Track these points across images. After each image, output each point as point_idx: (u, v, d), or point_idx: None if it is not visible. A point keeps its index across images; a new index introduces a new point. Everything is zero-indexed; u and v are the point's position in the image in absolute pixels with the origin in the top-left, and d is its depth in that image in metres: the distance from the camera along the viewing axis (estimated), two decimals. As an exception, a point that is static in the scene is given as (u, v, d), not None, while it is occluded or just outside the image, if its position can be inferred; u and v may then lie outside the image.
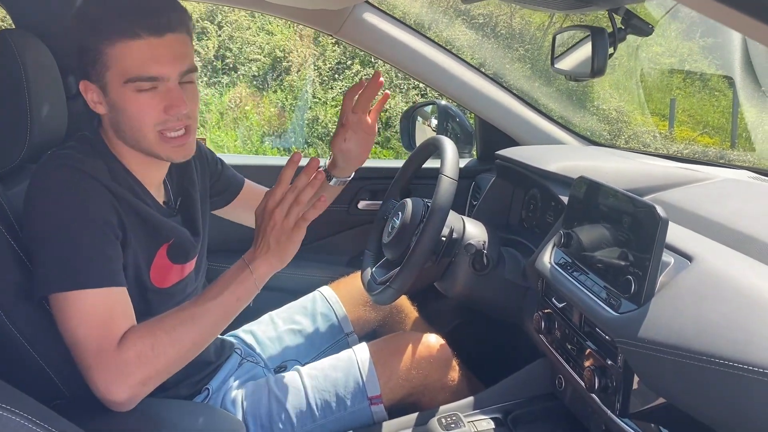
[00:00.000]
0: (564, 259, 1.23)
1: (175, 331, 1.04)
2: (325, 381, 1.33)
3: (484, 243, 1.38)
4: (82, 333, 0.99)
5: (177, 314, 1.06)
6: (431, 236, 1.29)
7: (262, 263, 1.10)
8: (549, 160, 1.44)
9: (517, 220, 1.66)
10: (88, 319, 1.00)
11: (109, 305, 1.02)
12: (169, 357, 1.02)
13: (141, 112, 1.08)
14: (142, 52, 1.04)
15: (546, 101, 4.55)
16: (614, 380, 1.02)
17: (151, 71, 1.05)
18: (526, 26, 7.66)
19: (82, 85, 1.09)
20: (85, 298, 1.00)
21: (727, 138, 7.51)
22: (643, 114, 7.76)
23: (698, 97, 8.13)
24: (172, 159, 1.15)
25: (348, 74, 6.86)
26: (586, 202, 1.18)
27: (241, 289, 1.09)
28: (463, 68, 1.75)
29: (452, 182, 1.31)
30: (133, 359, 0.99)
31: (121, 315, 1.03)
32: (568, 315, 1.19)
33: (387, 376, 1.34)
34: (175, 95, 1.08)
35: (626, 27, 1.11)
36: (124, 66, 1.04)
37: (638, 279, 0.98)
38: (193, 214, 1.33)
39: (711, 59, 7.92)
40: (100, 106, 1.10)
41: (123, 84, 1.05)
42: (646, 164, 1.42)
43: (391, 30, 1.69)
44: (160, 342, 1.02)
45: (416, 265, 1.31)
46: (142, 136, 1.10)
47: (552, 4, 1.01)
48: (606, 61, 1.08)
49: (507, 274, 1.42)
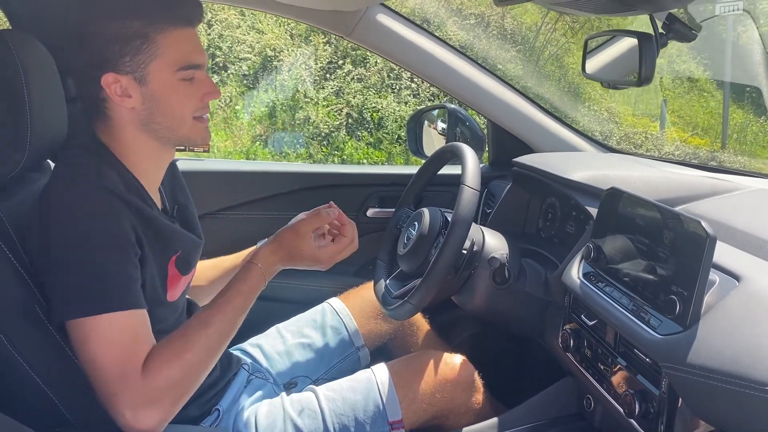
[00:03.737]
0: (593, 273, 1.18)
1: (196, 345, 1.02)
2: (343, 404, 1.26)
3: (506, 256, 1.33)
4: (106, 358, 0.95)
5: (193, 328, 1.04)
6: (453, 250, 1.23)
7: (270, 255, 1.15)
8: (572, 169, 1.39)
9: (533, 229, 1.61)
10: (111, 344, 0.95)
11: (133, 328, 0.98)
12: (194, 373, 1.01)
13: (184, 101, 1.09)
14: (190, 41, 1.07)
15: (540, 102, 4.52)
16: (656, 405, 0.97)
17: (198, 59, 1.09)
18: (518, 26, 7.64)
19: (106, 78, 1.05)
20: (109, 322, 0.96)
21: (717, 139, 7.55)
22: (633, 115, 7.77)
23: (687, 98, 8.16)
24: (203, 142, 1.16)
25: (339, 74, 6.78)
26: (619, 215, 1.13)
27: (248, 283, 1.11)
28: (476, 71, 1.70)
29: (475, 193, 1.25)
30: (162, 384, 0.96)
31: (144, 337, 1.00)
32: (600, 333, 1.13)
33: (409, 399, 1.27)
34: (210, 83, 1.12)
35: (668, 32, 1.06)
36: (177, 54, 1.06)
37: (683, 299, 0.93)
38: (191, 219, 1.29)
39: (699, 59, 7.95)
40: (128, 99, 1.07)
41: (174, 72, 1.06)
42: (672, 173, 1.38)
43: (404, 32, 1.63)
44: (186, 361, 0.99)
45: (437, 279, 1.25)
46: (181, 123, 1.10)
47: (592, 8, 0.95)
48: (654, 68, 1.03)
49: (528, 287, 1.37)
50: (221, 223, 1.84)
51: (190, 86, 1.08)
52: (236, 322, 1.09)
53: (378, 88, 6.72)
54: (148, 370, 0.96)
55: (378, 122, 6.55)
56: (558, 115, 1.82)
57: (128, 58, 1.04)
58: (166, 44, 1.04)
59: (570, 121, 1.81)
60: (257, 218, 1.86)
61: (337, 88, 6.71)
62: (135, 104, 1.07)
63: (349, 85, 6.68)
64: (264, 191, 1.86)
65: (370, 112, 6.54)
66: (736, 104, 8.03)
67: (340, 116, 6.56)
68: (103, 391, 0.95)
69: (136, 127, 1.09)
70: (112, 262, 0.98)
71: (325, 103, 6.63)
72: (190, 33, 1.07)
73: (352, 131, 6.55)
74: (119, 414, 0.94)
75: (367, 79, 6.74)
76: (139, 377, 0.95)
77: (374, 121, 6.53)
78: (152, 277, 1.09)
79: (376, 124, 6.54)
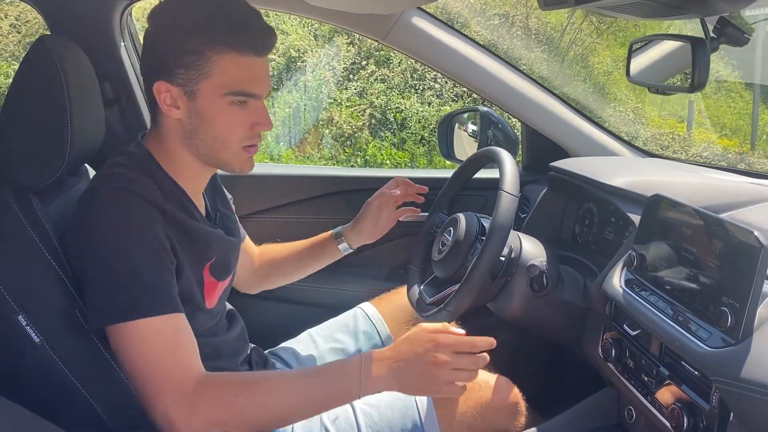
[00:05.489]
0: (636, 281, 1.15)
1: (262, 396, 1.01)
2: (380, 420, 1.24)
3: (544, 263, 1.30)
4: (146, 362, 0.96)
5: (269, 379, 1.06)
6: (492, 256, 1.21)
7: (382, 369, 1.01)
8: (613, 174, 1.36)
9: (569, 235, 1.58)
10: (152, 348, 0.97)
11: (173, 331, 0.99)
12: (246, 417, 0.99)
13: (230, 126, 1.08)
14: (248, 69, 1.06)
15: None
16: (705, 420, 0.94)
17: (253, 88, 1.07)
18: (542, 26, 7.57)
19: (158, 86, 1.06)
20: (149, 326, 0.97)
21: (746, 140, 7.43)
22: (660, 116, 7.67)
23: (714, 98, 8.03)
24: (243, 171, 1.15)
25: (363, 74, 6.78)
26: (663, 222, 1.10)
27: (340, 384, 1.02)
28: (512, 74, 1.68)
29: (514, 199, 1.23)
30: (210, 399, 0.97)
31: (186, 341, 1.01)
32: (644, 344, 1.11)
33: (448, 421, 1.23)
34: (263, 113, 1.10)
35: (719, 36, 1.03)
36: (229, 79, 1.05)
37: (735, 312, 0.90)
38: (233, 227, 1.30)
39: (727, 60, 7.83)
40: (176, 110, 1.07)
41: (222, 96, 1.05)
42: (716, 179, 1.34)
43: (439, 35, 1.61)
44: (245, 402, 0.98)
45: (475, 286, 1.23)
46: (224, 147, 1.10)
47: (640, 12, 0.93)
48: (708, 73, 1.00)
49: (566, 294, 1.34)
50: (252, 227, 1.84)
51: (241, 112, 1.08)
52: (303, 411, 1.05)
53: (401, 88, 6.71)
54: (203, 382, 0.97)
55: (401, 123, 6.53)
56: (591, 117, 1.79)
57: (182, 70, 1.04)
58: (219, 66, 1.04)
59: (600, 122, 1.78)
60: (289, 222, 1.85)
61: (361, 88, 6.71)
62: (182, 116, 1.08)
63: (372, 85, 6.68)
64: (293, 195, 1.85)
65: (393, 113, 6.53)
66: (765, 104, 7.91)
67: (363, 117, 6.56)
68: (144, 392, 0.97)
69: (179, 138, 1.11)
70: (147, 268, 0.99)
71: (348, 104, 6.63)
72: (250, 60, 1.06)
73: (375, 132, 6.55)
74: (157, 412, 0.96)
75: (390, 80, 6.74)
76: (184, 381, 0.96)
77: (397, 122, 6.51)
78: (189, 284, 1.10)
79: (399, 124, 6.53)
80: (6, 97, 1.07)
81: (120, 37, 1.60)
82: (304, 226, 1.77)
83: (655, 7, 0.90)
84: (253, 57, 1.06)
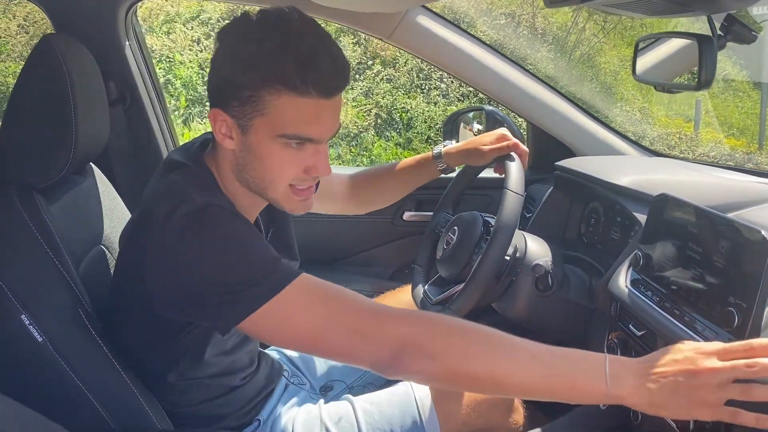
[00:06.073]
0: (642, 281, 1.14)
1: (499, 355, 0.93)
2: (380, 418, 1.23)
3: (550, 262, 1.29)
4: (320, 323, 0.93)
5: (503, 340, 0.94)
6: (497, 256, 1.21)
7: (629, 384, 0.87)
8: (619, 174, 1.35)
9: (575, 234, 1.58)
10: (311, 307, 0.93)
11: (314, 286, 0.95)
12: (451, 365, 0.92)
13: (281, 168, 1.00)
14: (307, 112, 0.95)
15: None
16: (711, 421, 0.93)
17: (311, 133, 0.97)
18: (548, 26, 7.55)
19: (213, 114, 0.99)
20: (290, 294, 0.92)
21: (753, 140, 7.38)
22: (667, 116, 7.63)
23: (722, 98, 7.98)
24: (293, 212, 1.08)
25: (369, 74, 6.77)
26: (669, 222, 1.09)
27: (582, 381, 0.89)
28: (517, 73, 1.67)
29: (519, 198, 1.23)
30: None
31: (333, 287, 0.95)
32: (650, 344, 1.10)
33: (444, 417, 1.23)
34: (322, 158, 1.01)
35: (726, 34, 1.02)
36: (283, 120, 0.95)
37: (742, 312, 0.89)
38: (287, 240, 1.26)
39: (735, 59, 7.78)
40: (229, 141, 1.01)
41: (274, 137, 0.97)
42: (722, 178, 1.33)
43: (444, 34, 1.61)
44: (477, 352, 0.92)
45: (479, 286, 1.22)
46: (272, 187, 1.02)
47: (646, 10, 0.92)
48: (714, 71, 0.99)
49: (571, 294, 1.33)
50: None
51: (295, 154, 0.99)
52: (532, 388, 0.93)
53: (407, 88, 6.70)
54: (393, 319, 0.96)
55: (407, 123, 6.53)
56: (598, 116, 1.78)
57: (236, 103, 0.97)
58: (273, 106, 0.95)
59: (606, 122, 1.77)
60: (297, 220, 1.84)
61: (367, 88, 6.70)
62: (234, 147, 1.01)
63: (378, 85, 6.67)
64: None
65: (399, 113, 6.53)
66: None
67: (369, 117, 6.55)
68: (346, 352, 0.95)
69: (232, 169, 1.04)
70: (262, 250, 0.96)
71: (354, 104, 6.63)
72: (311, 102, 0.95)
73: (381, 131, 6.54)
74: (374, 363, 0.94)
75: (396, 80, 6.72)
76: (366, 320, 0.94)
77: (403, 122, 6.51)
78: None
79: (405, 124, 6.52)
80: (10, 96, 1.08)
81: (125, 36, 1.60)
82: (325, 225, 1.79)
83: (661, 4, 0.90)
84: (315, 99, 0.95)
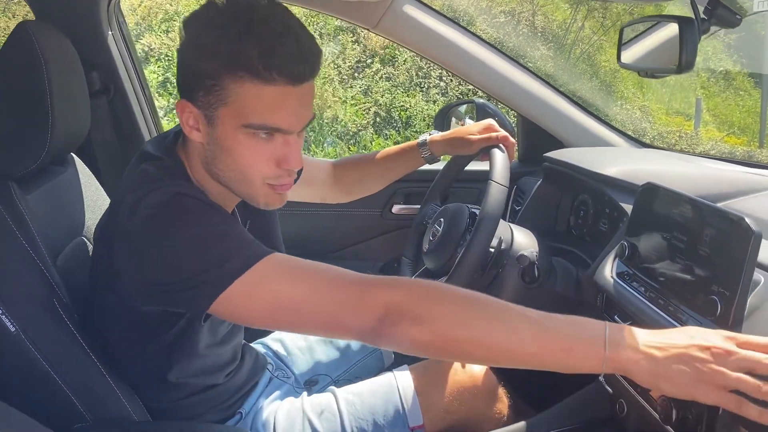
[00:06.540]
0: (627, 272, 1.13)
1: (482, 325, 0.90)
2: (362, 407, 1.22)
3: (535, 254, 1.28)
4: (296, 291, 0.90)
5: (491, 303, 0.92)
6: (480, 247, 1.19)
7: (630, 350, 0.82)
8: (606, 164, 1.33)
9: (564, 227, 1.56)
10: (288, 279, 0.90)
11: (287, 262, 0.92)
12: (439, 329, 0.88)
13: (252, 161, 0.95)
14: (272, 100, 0.90)
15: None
16: (695, 411, 0.92)
17: (277, 122, 0.92)
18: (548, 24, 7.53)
19: (180, 106, 0.96)
20: (266, 265, 0.89)
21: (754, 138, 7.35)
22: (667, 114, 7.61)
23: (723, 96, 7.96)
24: (269, 206, 1.03)
25: (368, 72, 6.76)
26: (655, 211, 1.07)
27: (579, 344, 0.86)
28: (506, 64, 1.66)
29: (503, 189, 1.21)
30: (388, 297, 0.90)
31: (306, 263, 0.93)
32: (635, 335, 1.08)
33: (427, 406, 1.22)
34: (294, 149, 0.95)
35: (710, 17, 1.01)
36: (247, 109, 0.91)
37: (725, 300, 0.88)
38: (269, 230, 1.24)
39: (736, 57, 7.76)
40: (197, 133, 0.97)
41: (238, 127, 0.92)
42: (711, 169, 1.32)
43: (431, 23, 1.59)
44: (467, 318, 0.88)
45: (463, 278, 1.20)
46: (246, 183, 0.98)
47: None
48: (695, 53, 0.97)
49: (558, 286, 1.32)
50: None
51: (264, 145, 0.94)
52: (524, 351, 0.91)
53: (406, 86, 6.68)
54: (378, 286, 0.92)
55: (406, 121, 6.52)
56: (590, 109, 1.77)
57: (202, 93, 0.93)
58: (237, 94, 0.90)
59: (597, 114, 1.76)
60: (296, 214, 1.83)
61: (366, 87, 6.69)
62: (202, 140, 0.98)
63: (377, 83, 6.66)
64: None
65: (398, 111, 6.52)
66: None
67: (367, 115, 6.54)
68: (330, 324, 0.92)
69: (202, 162, 1.01)
70: (232, 231, 0.93)
71: (353, 102, 6.62)
72: (277, 89, 0.90)
73: (379, 130, 6.53)
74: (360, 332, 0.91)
75: (395, 78, 6.71)
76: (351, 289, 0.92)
77: (402, 120, 6.49)
78: None
79: (404, 123, 6.51)
80: None
81: (108, 26, 1.59)
82: (314, 218, 1.77)
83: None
84: (281, 86, 0.90)
